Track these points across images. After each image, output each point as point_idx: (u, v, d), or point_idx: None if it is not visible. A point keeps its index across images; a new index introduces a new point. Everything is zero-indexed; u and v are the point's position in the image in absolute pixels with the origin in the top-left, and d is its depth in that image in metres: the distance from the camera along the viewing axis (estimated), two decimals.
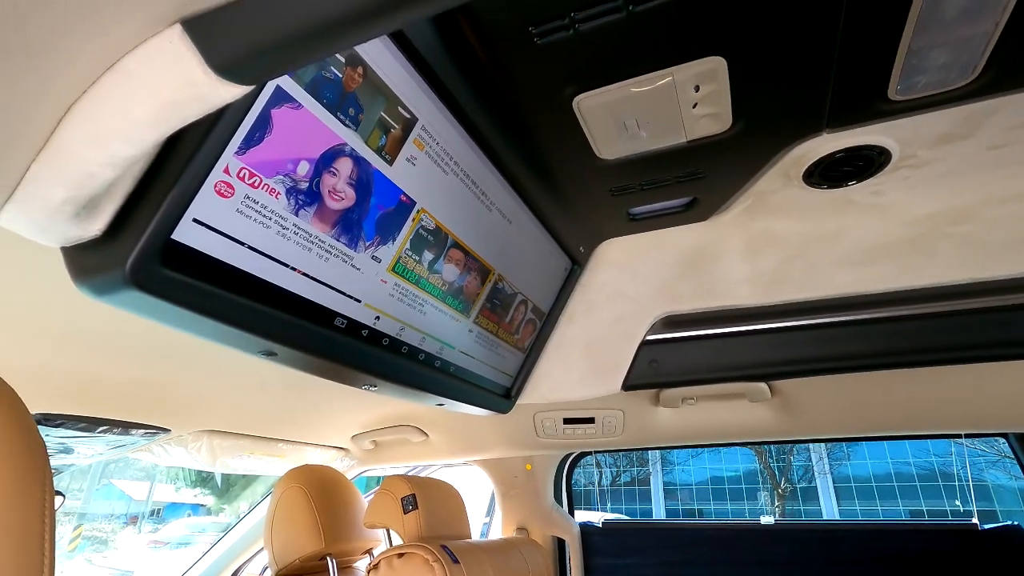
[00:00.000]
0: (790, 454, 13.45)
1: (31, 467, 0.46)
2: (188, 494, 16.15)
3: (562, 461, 2.00)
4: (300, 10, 0.32)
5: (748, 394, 1.41)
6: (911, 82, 0.86)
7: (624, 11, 0.71)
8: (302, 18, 0.33)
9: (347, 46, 0.36)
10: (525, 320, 1.33)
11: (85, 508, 15.65)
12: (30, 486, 0.45)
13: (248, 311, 0.70)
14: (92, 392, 1.23)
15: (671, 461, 14.98)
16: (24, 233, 0.56)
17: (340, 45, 0.35)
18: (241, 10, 0.33)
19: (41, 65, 0.35)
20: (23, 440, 0.47)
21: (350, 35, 0.34)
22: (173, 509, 16.07)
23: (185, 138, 0.57)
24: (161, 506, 16.09)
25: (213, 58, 0.35)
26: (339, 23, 0.33)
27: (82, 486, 15.64)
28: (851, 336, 1.22)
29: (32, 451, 0.47)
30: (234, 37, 0.34)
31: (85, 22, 0.32)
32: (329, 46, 0.35)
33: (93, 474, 15.50)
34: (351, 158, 0.75)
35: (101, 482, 15.77)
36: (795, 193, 1.16)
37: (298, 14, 0.32)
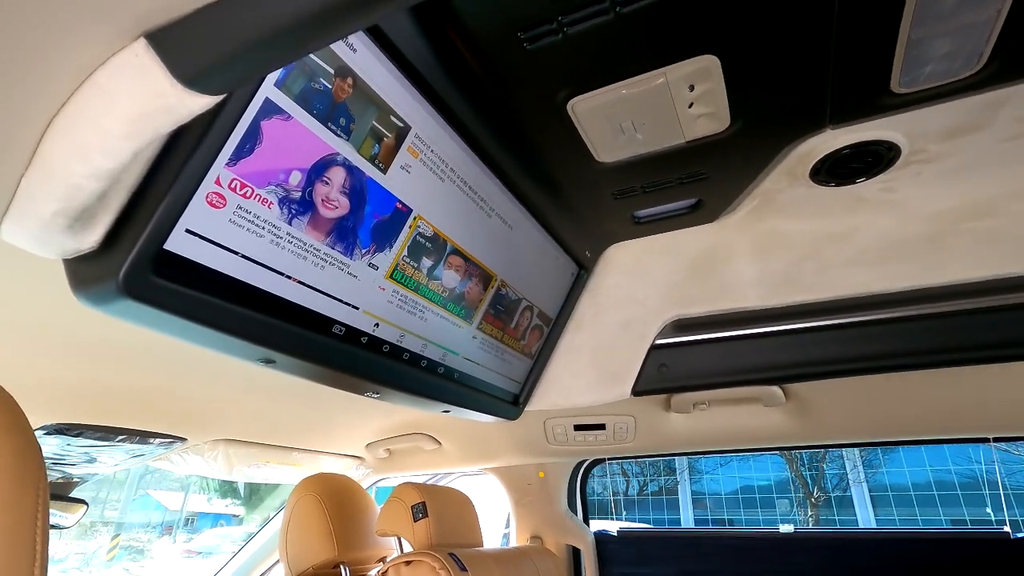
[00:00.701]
0: (822, 462, 13.06)
1: (24, 470, 0.48)
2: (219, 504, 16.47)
3: (576, 468, 1.98)
4: (255, 19, 0.33)
5: (762, 398, 1.38)
6: (914, 74, 0.83)
7: (612, 12, 0.71)
8: (258, 27, 0.33)
9: (304, 52, 0.37)
10: (531, 326, 1.32)
11: (123, 518, 16.06)
12: (22, 489, 0.46)
13: (244, 319, 0.71)
14: (109, 402, 1.27)
15: (699, 470, 14.69)
16: (24, 246, 0.58)
17: (298, 52, 0.36)
18: (200, 22, 0.34)
19: (19, 81, 0.36)
20: (16, 443, 0.48)
21: (307, 41, 0.35)
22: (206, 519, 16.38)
23: (175, 150, 0.59)
24: (195, 516, 16.42)
25: (178, 70, 0.36)
26: (294, 30, 0.33)
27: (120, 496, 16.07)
28: (867, 337, 1.18)
29: (25, 454, 0.48)
30: (196, 48, 0.35)
31: (54, 39, 0.33)
32: (287, 53, 0.36)
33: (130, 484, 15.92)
34: (343, 167, 0.76)
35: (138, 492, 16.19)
36: (803, 192, 1.13)
37: (254, 23, 0.33)
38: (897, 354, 1.15)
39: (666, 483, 15.06)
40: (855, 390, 1.32)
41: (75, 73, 0.37)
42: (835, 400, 1.36)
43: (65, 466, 1.48)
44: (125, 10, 0.33)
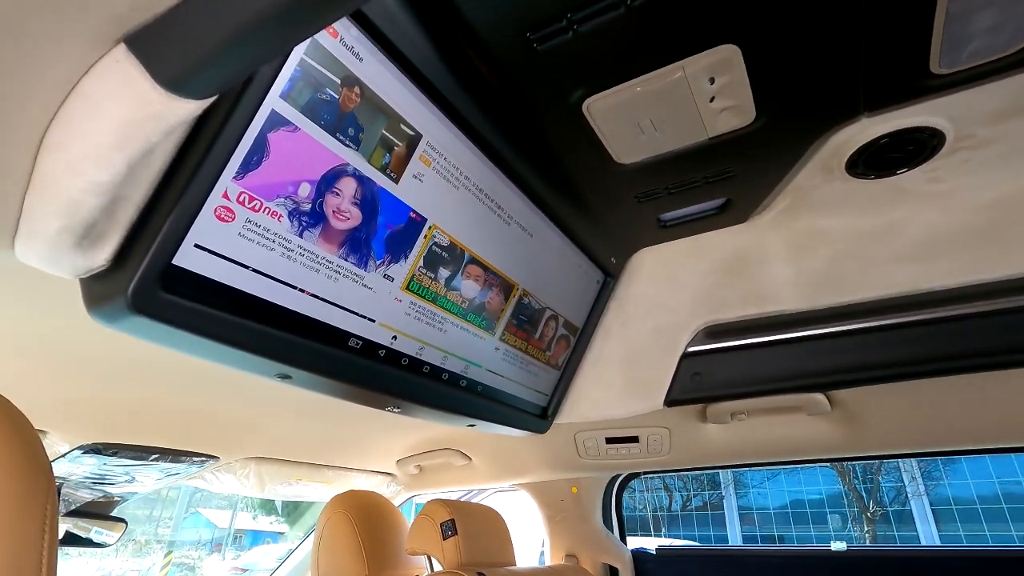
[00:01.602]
0: (877, 474, 12.41)
1: (32, 485, 0.47)
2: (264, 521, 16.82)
3: (610, 483, 1.91)
4: (228, 14, 0.32)
5: (805, 407, 1.30)
6: (956, 52, 0.77)
7: (623, 7, 0.68)
8: (232, 22, 0.32)
9: (284, 46, 0.35)
10: (557, 336, 1.29)
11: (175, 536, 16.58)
12: (30, 502, 0.46)
13: (256, 334, 0.70)
14: (143, 422, 1.29)
15: (745, 484, 14.18)
16: (38, 266, 0.58)
17: (278, 46, 0.35)
18: (175, 21, 0.33)
19: (4, 96, 0.36)
20: (24, 457, 0.47)
21: (284, 34, 0.34)
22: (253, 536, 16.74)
23: (181, 165, 0.59)
24: (242, 533, 16.81)
25: (160, 74, 0.36)
26: (269, 21, 0.32)
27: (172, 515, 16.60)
28: (918, 338, 1.10)
29: (34, 468, 0.48)
30: (174, 50, 0.34)
31: (33, 49, 0.33)
32: (266, 48, 0.35)
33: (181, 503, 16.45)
34: (354, 177, 0.75)
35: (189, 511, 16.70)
36: (839, 186, 1.07)
37: (227, 19, 0.32)
38: (951, 356, 1.06)
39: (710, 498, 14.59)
40: (907, 396, 1.23)
41: (60, 84, 0.36)
42: (885, 408, 1.27)
43: (105, 485, 1.51)
44: (98, 14, 0.32)
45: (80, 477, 1.41)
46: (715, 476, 14.14)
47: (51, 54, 0.34)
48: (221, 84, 0.39)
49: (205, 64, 0.35)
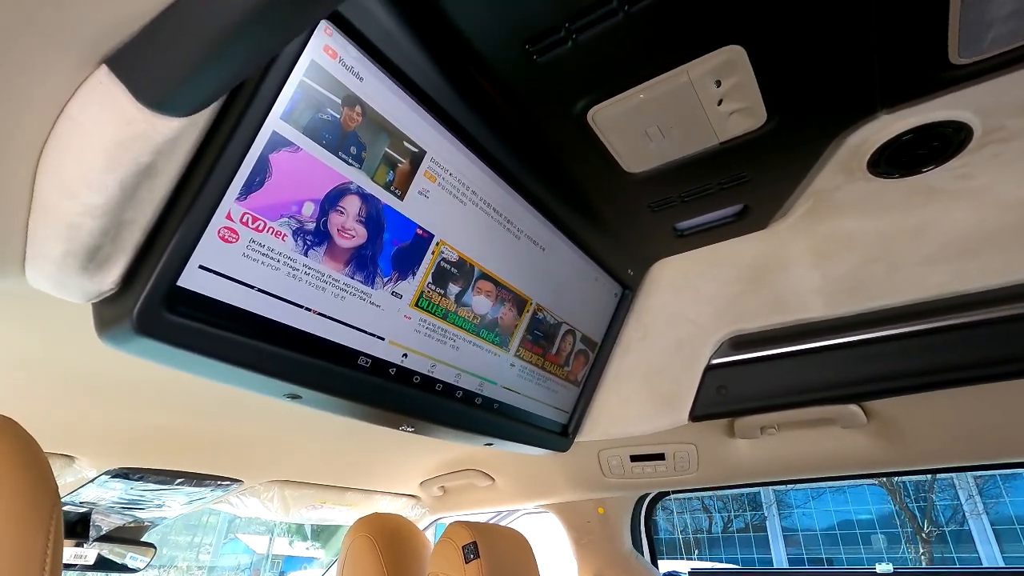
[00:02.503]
0: (930, 491, 11.77)
1: (37, 504, 0.47)
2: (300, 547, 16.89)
3: (638, 503, 1.85)
4: (198, 30, 0.32)
5: (839, 419, 1.23)
6: (976, 41, 0.74)
7: (620, 13, 0.68)
8: (203, 37, 0.32)
9: (260, 59, 0.35)
10: (575, 351, 1.26)
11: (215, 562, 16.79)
12: (34, 521, 0.46)
13: (264, 354, 0.70)
14: (167, 446, 1.31)
15: (788, 503, 13.61)
16: (49, 290, 0.60)
17: (252, 59, 0.35)
18: (150, 39, 0.34)
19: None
20: (30, 477, 0.48)
21: (256, 46, 0.34)
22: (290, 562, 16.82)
23: (184, 188, 0.60)
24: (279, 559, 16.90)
25: (141, 93, 0.36)
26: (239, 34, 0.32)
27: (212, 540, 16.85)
28: (957, 343, 1.03)
29: (39, 488, 0.48)
30: (153, 68, 0.35)
31: (18, 75, 0.34)
32: (241, 62, 0.35)
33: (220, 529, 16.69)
34: (358, 195, 0.75)
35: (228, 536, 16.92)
36: (862, 187, 1.03)
37: (197, 34, 0.32)
38: (995, 361, 1.00)
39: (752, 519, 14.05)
40: (950, 405, 1.15)
41: (49, 108, 0.37)
42: (927, 418, 1.20)
43: (135, 510, 1.54)
44: (77, 36, 0.33)
45: (110, 502, 1.44)
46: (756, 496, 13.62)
47: (38, 78, 0.35)
48: (202, 100, 0.39)
49: (183, 81, 0.35)
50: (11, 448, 0.51)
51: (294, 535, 16.54)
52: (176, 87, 0.35)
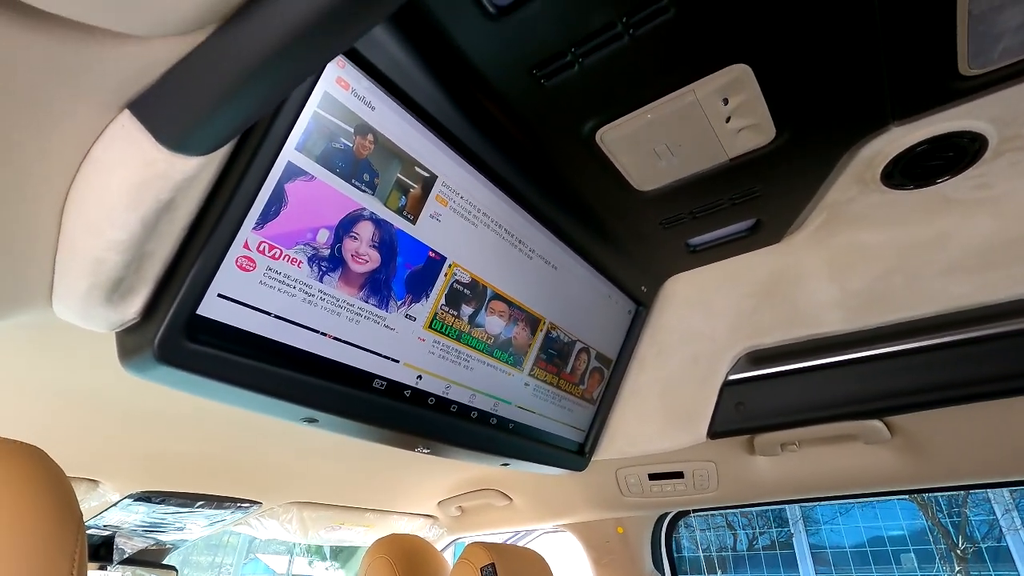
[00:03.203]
0: (964, 506, 11.36)
1: (62, 529, 0.49)
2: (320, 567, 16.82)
3: (658, 522, 1.82)
4: (217, 75, 0.33)
5: (861, 435, 1.21)
6: (986, 52, 0.73)
7: (626, 36, 0.69)
8: (221, 82, 0.34)
9: (274, 100, 0.37)
10: (590, 369, 1.26)
11: None
12: (59, 546, 0.47)
13: (281, 379, 0.72)
14: (188, 470, 1.33)
15: (815, 520, 13.23)
16: (75, 321, 0.62)
17: (266, 101, 0.36)
18: (170, 85, 0.35)
19: (26, 167, 0.39)
20: (55, 502, 0.49)
21: (269, 91, 0.35)
22: None
23: (203, 220, 0.62)
24: None
25: (162, 135, 0.38)
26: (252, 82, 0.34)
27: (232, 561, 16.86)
28: (983, 356, 1.01)
29: (64, 514, 0.49)
30: (173, 112, 0.36)
31: (46, 122, 0.36)
32: (256, 104, 0.36)
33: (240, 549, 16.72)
34: (371, 221, 0.77)
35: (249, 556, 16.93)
36: (877, 198, 1.02)
37: (216, 79, 0.34)
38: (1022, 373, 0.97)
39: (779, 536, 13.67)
40: (978, 420, 1.12)
41: (75, 151, 0.39)
42: (955, 433, 1.17)
43: (157, 533, 1.55)
44: (102, 83, 0.35)
45: (132, 525, 1.45)
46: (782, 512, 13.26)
47: (64, 124, 0.36)
48: (220, 140, 0.40)
49: (202, 123, 0.36)
50: (37, 476, 0.52)
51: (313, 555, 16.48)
52: (195, 129, 0.37)
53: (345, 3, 0.29)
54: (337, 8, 0.30)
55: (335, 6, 0.29)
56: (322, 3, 0.29)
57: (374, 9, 0.31)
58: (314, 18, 0.30)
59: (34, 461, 0.53)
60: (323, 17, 0.30)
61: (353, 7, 0.30)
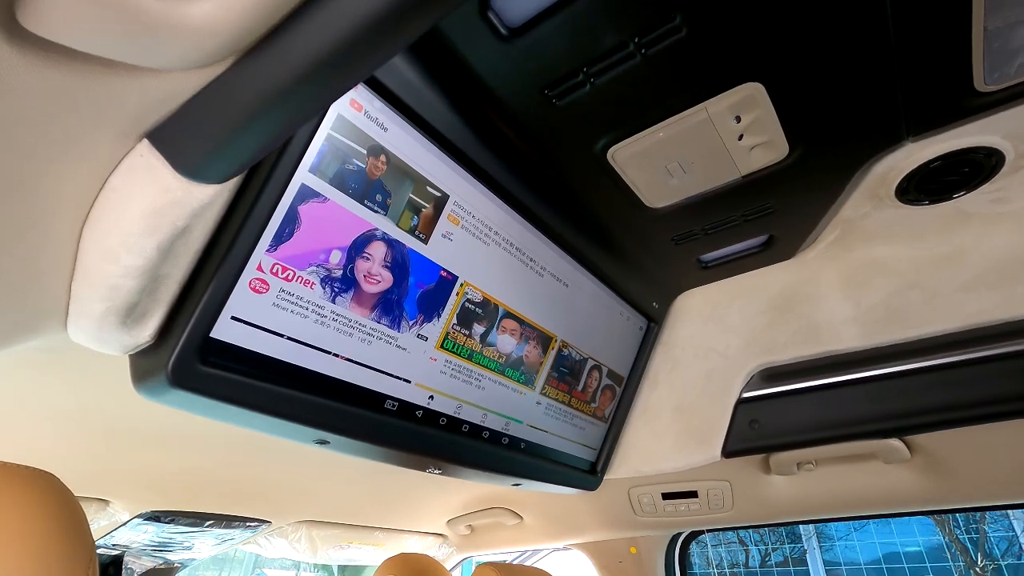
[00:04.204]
0: (982, 522, 11.12)
1: (74, 551, 0.48)
2: None
3: (672, 542, 1.78)
4: (235, 107, 0.33)
5: (880, 454, 1.18)
6: (1002, 68, 0.73)
7: (638, 56, 0.69)
8: (240, 113, 0.34)
9: (291, 131, 0.37)
10: (601, 387, 1.24)
11: None
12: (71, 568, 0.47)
13: (293, 402, 0.71)
14: (198, 489, 1.32)
15: (829, 536, 12.98)
16: (89, 345, 0.61)
17: (284, 132, 0.36)
18: (188, 116, 0.35)
19: (44, 196, 0.39)
20: (67, 526, 0.49)
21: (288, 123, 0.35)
22: None
23: (217, 243, 0.62)
24: None
25: (180, 164, 0.38)
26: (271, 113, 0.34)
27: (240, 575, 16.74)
28: (1005, 373, 0.99)
29: (76, 537, 0.49)
30: (191, 142, 0.36)
31: (65, 152, 0.36)
32: (273, 135, 0.36)
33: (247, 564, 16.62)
34: (383, 241, 0.76)
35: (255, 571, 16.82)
36: (891, 214, 1.01)
37: (234, 111, 0.34)
38: None
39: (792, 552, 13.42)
40: (1000, 439, 1.10)
41: (93, 180, 0.39)
42: (977, 452, 1.14)
43: (165, 552, 1.54)
44: (120, 114, 0.35)
45: (142, 544, 1.45)
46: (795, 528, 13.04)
47: (83, 153, 0.37)
48: (236, 169, 0.41)
49: (220, 153, 0.37)
50: (50, 502, 0.52)
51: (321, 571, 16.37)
52: (213, 158, 0.37)
53: (363, 36, 0.29)
54: (356, 40, 0.30)
55: (354, 39, 0.29)
56: (341, 36, 0.29)
57: (393, 41, 0.31)
58: (333, 50, 0.30)
59: (47, 488, 0.53)
60: (342, 49, 0.30)
61: (372, 39, 0.30)
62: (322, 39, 0.29)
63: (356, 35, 0.29)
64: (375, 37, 0.29)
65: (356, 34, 0.29)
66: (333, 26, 0.29)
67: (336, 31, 0.29)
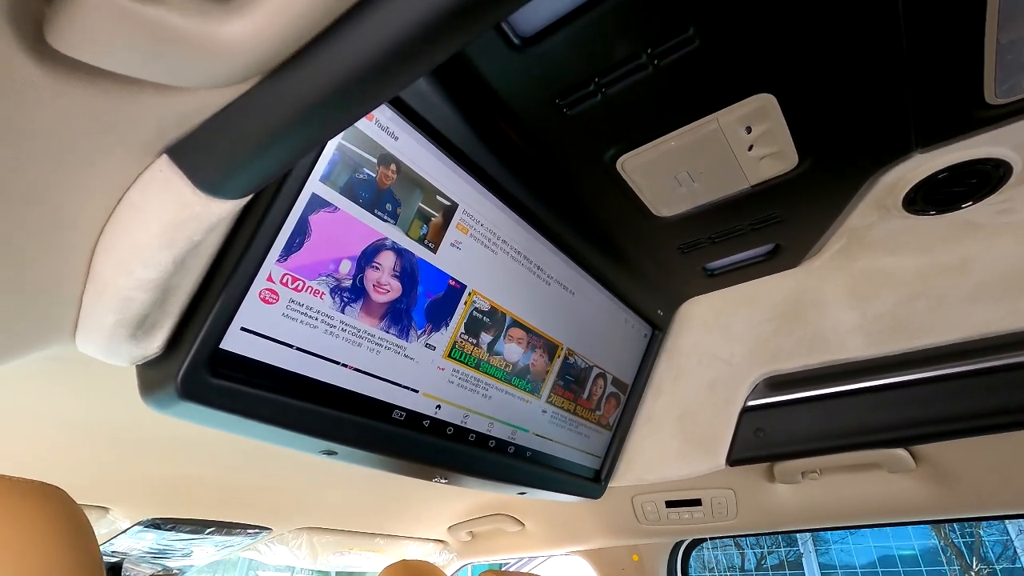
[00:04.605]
0: (978, 527, 11.15)
1: (81, 563, 0.48)
2: None
3: (674, 549, 1.78)
4: (256, 126, 0.33)
5: (885, 463, 1.18)
6: (1013, 81, 0.73)
7: (650, 67, 0.69)
8: (260, 132, 0.33)
9: (312, 149, 0.36)
10: (606, 395, 1.24)
11: None
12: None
13: (302, 412, 0.70)
14: (199, 497, 1.31)
15: (825, 539, 13.01)
16: (96, 356, 0.61)
17: (305, 151, 0.36)
18: (209, 133, 0.35)
19: (60, 208, 0.38)
20: (74, 539, 0.48)
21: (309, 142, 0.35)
22: None
23: (227, 254, 0.61)
24: None
25: (199, 180, 0.37)
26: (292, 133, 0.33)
27: None
28: (1010, 384, 0.99)
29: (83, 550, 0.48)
30: (211, 159, 0.36)
31: (85, 167, 0.35)
32: (294, 154, 0.36)
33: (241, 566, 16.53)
34: (393, 251, 0.76)
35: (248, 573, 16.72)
36: (898, 224, 1.01)
37: (255, 130, 0.33)
38: None
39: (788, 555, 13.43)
40: (1005, 449, 1.10)
41: (110, 195, 0.39)
42: (982, 463, 1.14)
43: (164, 559, 1.53)
44: (142, 131, 0.34)
45: (141, 552, 1.43)
46: None
47: (103, 169, 0.36)
48: (256, 186, 0.40)
49: (240, 170, 0.36)
50: (57, 516, 0.51)
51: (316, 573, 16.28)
52: (233, 175, 0.37)
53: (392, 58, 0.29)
54: (388, 60, 0.29)
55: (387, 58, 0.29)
56: (374, 55, 0.29)
57: (420, 63, 0.31)
58: (366, 69, 0.29)
59: (54, 502, 0.52)
60: (374, 69, 0.29)
61: (402, 61, 0.29)
62: (356, 57, 0.29)
63: (389, 54, 0.29)
64: (411, 54, 0.29)
65: (389, 53, 0.29)
66: (367, 44, 0.28)
67: (370, 49, 0.29)
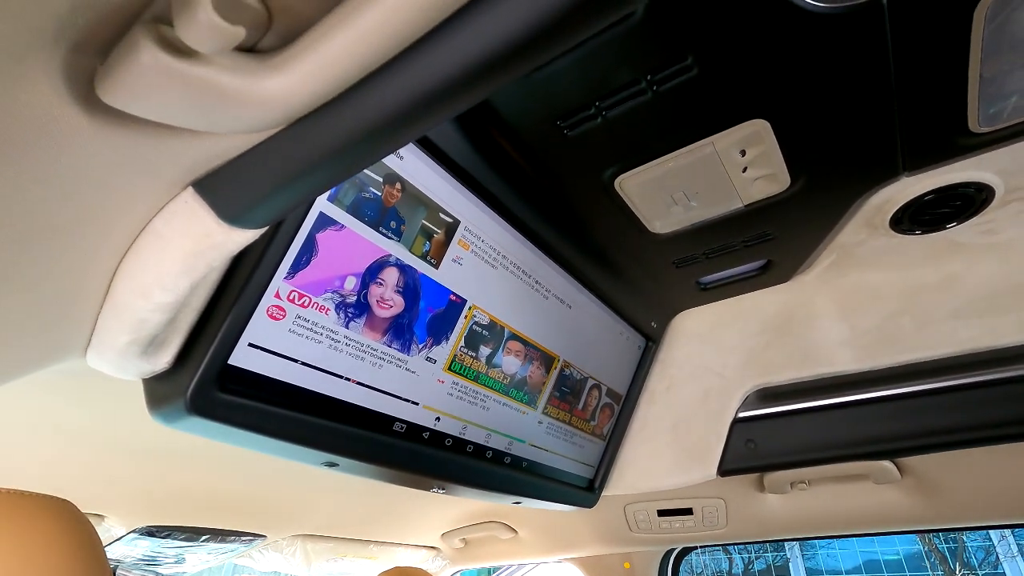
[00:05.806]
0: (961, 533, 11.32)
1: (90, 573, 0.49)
2: None
3: (665, 557, 1.80)
4: (282, 166, 0.35)
5: (872, 475, 1.21)
6: (995, 111, 0.76)
7: (649, 92, 0.71)
8: (285, 172, 0.35)
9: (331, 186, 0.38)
10: (600, 405, 1.26)
11: None
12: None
13: (306, 426, 0.72)
14: (193, 504, 1.31)
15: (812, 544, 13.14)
16: (106, 371, 0.62)
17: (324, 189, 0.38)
18: (237, 169, 0.36)
19: (87, 237, 0.39)
20: (82, 552, 0.49)
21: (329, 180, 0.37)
22: None
23: (237, 272, 0.62)
24: None
25: (222, 212, 0.39)
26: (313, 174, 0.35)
27: None
28: (994, 399, 1.02)
29: (93, 563, 0.50)
30: (236, 192, 0.38)
31: (114, 198, 0.37)
32: (314, 192, 0.38)
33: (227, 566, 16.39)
34: (396, 267, 0.77)
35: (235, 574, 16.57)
36: (885, 243, 1.04)
37: (281, 169, 0.35)
38: None
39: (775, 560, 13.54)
40: (990, 462, 1.13)
41: (135, 224, 0.40)
42: (965, 475, 1.17)
43: (156, 567, 1.53)
44: (172, 166, 0.36)
45: (134, 559, 1.43)
46: None
47: (131, 202, 0.37)
48: (278, 217, 0.42)
49: (264, 204, 0.38)
50: (68, 530, 0.52)
51: None
52: (257, 208, 0.38)
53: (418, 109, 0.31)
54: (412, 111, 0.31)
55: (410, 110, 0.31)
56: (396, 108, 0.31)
57: (446, 110, 0.32)
58: (386, 120, 0.31)
59: (65, 516, 0.53)
60: (403, 116, 0.31)
61: (426, 112, 0.31)
62: (382, 108, 0.30)
63: (415, 106, 0.30)
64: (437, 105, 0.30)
65: (415, 105, 0.30)
66: (394, 96, 0.30)
67: (395, 101, 0.30)
